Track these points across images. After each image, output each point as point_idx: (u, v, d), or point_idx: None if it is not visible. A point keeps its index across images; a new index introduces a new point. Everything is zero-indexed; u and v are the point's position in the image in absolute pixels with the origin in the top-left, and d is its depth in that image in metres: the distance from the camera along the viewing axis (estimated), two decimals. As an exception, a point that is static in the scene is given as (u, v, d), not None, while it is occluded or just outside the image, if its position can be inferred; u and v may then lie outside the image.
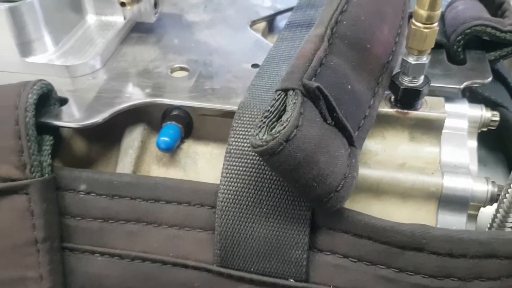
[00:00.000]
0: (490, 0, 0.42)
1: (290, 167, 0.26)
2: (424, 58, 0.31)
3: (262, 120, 0.27)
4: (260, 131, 0.26)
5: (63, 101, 0.35)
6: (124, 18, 0.41)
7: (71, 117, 0.33)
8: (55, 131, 0.34)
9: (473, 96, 0.37)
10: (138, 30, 0.42)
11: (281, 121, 0.26)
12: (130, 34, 0.42)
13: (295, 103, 0.26)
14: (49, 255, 0.32)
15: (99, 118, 0.33)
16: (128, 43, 0.41)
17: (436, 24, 0.29)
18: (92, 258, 0.33)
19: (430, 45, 0.30)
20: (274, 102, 0.27)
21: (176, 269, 0.33)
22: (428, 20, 0.29)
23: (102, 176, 0.33)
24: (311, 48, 0.29)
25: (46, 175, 0.32)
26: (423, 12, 0.29)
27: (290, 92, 0.27)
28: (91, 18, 0.42)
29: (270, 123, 0.26)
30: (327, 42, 0.29)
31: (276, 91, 0.28)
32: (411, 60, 0.31)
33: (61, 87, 0.35)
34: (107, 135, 0.37)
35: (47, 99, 0.34)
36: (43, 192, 0.32)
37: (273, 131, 0.25)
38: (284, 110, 0.27)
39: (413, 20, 0.30)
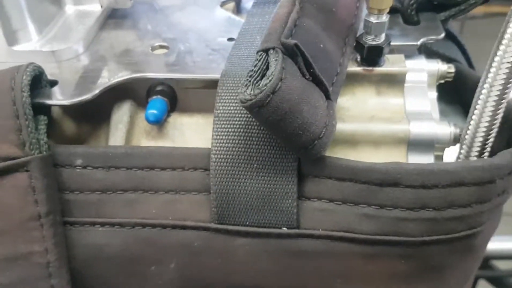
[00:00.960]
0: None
1: (278, 117, 0.29)
2: (384, 17, 0.35)
3: (247, 79, 0.29)
4: (247, 88, 0.29)
5: (53, 83, 0.36)
6: (101, 6, 0.43)
7: (63, 97, 0.35)
8: (48, 111, 0.36)
9: (428, 53, 0.41)
10: (114, 17, 0.44)
11: (266, 75, 0.28)
12: (108, 21, 0.44)
13: (276, 59, 0.29)
14: (53, 229, 0.34)
15: (89, 94, 0.35)
16: (107, 28, 0.43)
17: (393, -16, 0.33)
18: (93, 230, 0.35)
19: (388, 4, 0.34)
20: (257, 62, 0.30)
21: (176, 231, 0.35)
22: (386, -19, 0.33)
23: (97, 149, 0.35)
24: (285, 12, 0.32)
25: (44, 152, 0.34)
26: (381, -26, 0.32)
27: (271, 51, 0.30)
28: (69, 9, 0.43)
29: (255, 81, 0.29)
30: (298, 5, 0.32)
31: (258, 52, 0.31)
32: (373, 19, 0.35)
33: (49, 71, 0.37)
34: (95, 113, 0.39)
35: (38, 82, 0.35)
36: (43, 168, 0.33)
37: (260, 84, 0.28)
38: (267, 68, 0.29)
39: (372, -18, 0.33)
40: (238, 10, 0.50)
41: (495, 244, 0.90)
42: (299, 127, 0.29)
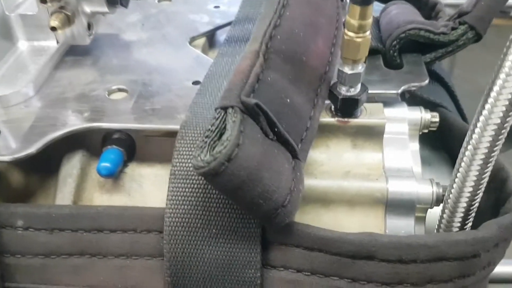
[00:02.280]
0: (423, 2, 0.44)
1: (235, 186, 0.26)
2: (360, 67, 0.31)
3: (203, 140, 0.26)
4: (201, 152, 0.26)
5: (-5, 135, 0.33)
6: (57, 42, 0.40)
7: (5, 150, 0.32)
8: (-12, 165, 0.32)
9: (412, 98, 0.38)
10: (73, 53, 0.41)
11: (221, 140, 0.25)
12: (65, 58, 0.40)
13: (234, 121, 0.26)
14: (-11, 298, 0.31)
15: (32, 149, 0.32)
16: (63, 67, 0.40)
17: (368, 32, 0.30)
18: None
19: (364, 54, 0.31)
20: (215, 120, 0.27)
21: None
22: (360, 30, 0.29)
23: (39, 209, 0.31)
24: (248, 64, 0.29)
25: (-20, 213, 0.30)
26: (355, 22, 0.29)
27: (229, 110, 0.26)
28: (22, 45, 0.40)
29: (212, 142, 0.26)
30: (263, 57, 0.29)
31: (216, 109, 0.27)
32: (347, 70, 0.31)
33: (-8, 119, 0.34)
34: (45, 165, 0.35)
35: (-24, 133, 0.32)
36: (-22, 231, 0.30)
37: (214, 151, 0.25)
38: (225, 128, 0.26)
39: (346, 30, 0.30)
40: (210, 44, 0.46)
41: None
42: (259, 196, 0.26)
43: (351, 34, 0.30)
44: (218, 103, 0.27)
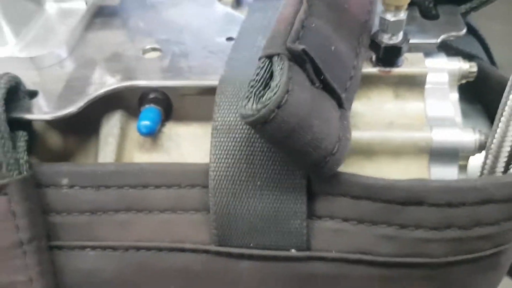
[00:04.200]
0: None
1: (284, 134, 0.25)
2: (402, 14, 0.31)
3: (249, 90, 0.26)
4: (248, 101, 0.25)
5: (33, 94, 0.33)
6: (86, 3, 0.39)
7: (43, 110, 0.32)
8: (28, 126, 0.32)
9: (448, 50, 0.38)
10: (101, 15, 0.40)
11: (270, 87, 0.25)
12: (94, 20, 0.40)
13: (282, 68, 0.25)
14: (37, 256, 0.31)
15: (73, 107, 0.31)
16: (93, 28, 0.39)
17: (412, -24, 0.29)
18: (83, 254, 0.32)
19: (406, 0, 0.30)
20: (259, 70, 0.26)
21: (173, 254, 0.32)
22: (405, -27, 0.29)
23: (84, 167, 0.31)
24: (291, 11, 0.28)
25: (24, 172, 0.30)
26: (399, -35, 0.29)
27: (275, 58, 0.26)
28: (50, 7, 0.39)
29: (257, 92, 0.26)
30: (307, 3, 0.28)
31: (260, 58, 0.27)
32: (389, 17, 0.31)
33: (28, 80, 0.33)
34: (83, 126, 0.35)
35: (15, 94, 0.32)
36: (23, 190, 0.30)
37: (264, 98, 0.25)
38: (271, 77, 0.26)
39: (389, -25, 0.29)
40: (238, 3, 0.46)
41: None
42: (309, 143, 0.26)
43: (394, -22, 0.29)
44: (263, 52, 0.27)
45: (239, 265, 0.31)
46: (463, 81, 0.36)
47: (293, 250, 0.30)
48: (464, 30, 0.35)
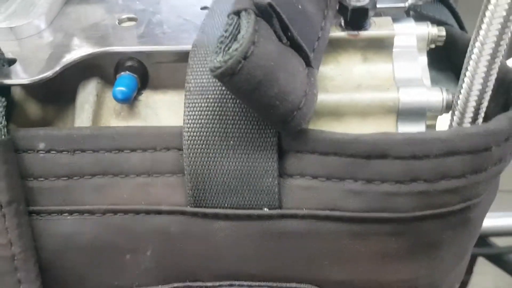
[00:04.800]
0: None
1: (251, 86, 0.26)
2: (368, -24, 0.32)
3: (217, 46, 0.27)
4: (217, 55, 0.26)
5: (11, 62, 0.33)
6: (65, -22, 0.40)
7: (21, 76, 0.32)
8: (7, 92, 0.33)
9: (418, 17, 0.38)
10: (81, -10, 0.41)
11: (237, 39, 0.26)
12: (73, -6, 0.41)
13: (248, 21, 0.26)
14: (16, 219, 0.31)
15: (49, 72, 0.32)
16: (72, 2, 0.40)
17: None
18: (61, 218, 0.33)
19: (373, -39, 0.31)
20: (228, 26, 0.27)
21: (150, 217, 0.32)
22: None
23: (61, 132, 0.32)
24: (258, -31, 0.29)
25: (3, 136, 0.31)
26: None
27: (243, 13, 0.27)
28: (31, -18, 0.40)
29: (226, 47, 0.26)
30: None
31: (228, 15, 0.28)
32: (356, -22, 0.32)
33: (8, 50, 0.34)
34: (60, 94, 0.36)
35: (-7, 61, 0.32)
36: (2, 154, 0.30)
37: (230, 50, 0.25)
38: (239, 32, 0.27)
39: None
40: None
41: (493, 221, 0.89)
42: (276, 96, 0.27)
43: None
44: (231, 9, 0.28)
45: (214, 225, 0.32)
46: (432, 46, 0.37)
47: (265, 209, 0.31)
48: (432, -5, 0.36)
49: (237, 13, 0.27)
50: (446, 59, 0.39)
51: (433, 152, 0.28)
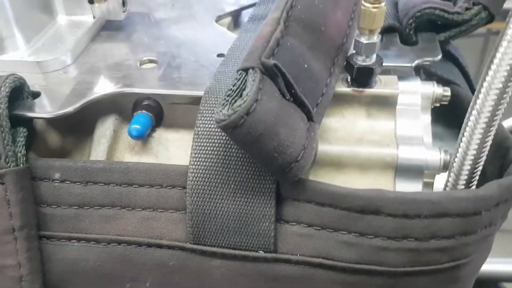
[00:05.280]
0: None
1: (252, 139, 0.28)
2: (375, 37, 0.33)
3: (225, 98, 0.29)
4: (223, 108, 0.28)
5: (36, 95, 0.36)
6: (94, 17, 0.43)
7: (44, 109, 0.35)
8: (29, 123, 0.35)
9: (427, 75, 0.40)
10: (108, 28, 0.44)
11: (241, 96, 0.27)
12: (100, 32, 0.43)
13: (254, 79, 0.28)
14: (27, 243, 0.34)
15: (70, 108, 0.35)
16: (98, 40, 0.43)
17: (383, 3, 0.32)
18: (69, 244, 0.35)
19: (379, 24, 0.33)
20: (236, 81, 0.29)
21: (151, 250, 0.34)
22: (376, 0, 0.31)
23: (75, 163, 0.34)
24: (269, 30, 0.31)
25: (21, 165, 0.33)
26: (370, -7, 0.31)
27: (250, 71, 0.29)
28: (61, 19, 0.43)
29: (232, 100, 0.28)
30: (283, 24, 0.31)
31: (238, 71, 0.30)
32: (363, 39, 0.33)
33: (34, 82, 0.37)
34: (80, 127, 0.38)
35: (20, 93, 0.35)
36: (19, 181, 0.33)
37: (234, 105, 0.27)
38: (245, 88, 0.28)
39: (362, 1, 0.32)
40: (236, 24, 0.49)
41: (505, 266, 0.87)
42: (275, 149, 0.28)
43: (367, 4, 0.32)
44: (240, 66, 0.30)
45: (211, 262, 0.33)
46: (437, 104, 0.38)
47: (261, 252, 0.32)
48: (439, 56, 0.38)
49: (245, 69, 0.29)
50: (454, 117, 0.40)
51: (423, 213, 0.29)
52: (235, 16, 0.48)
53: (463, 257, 0.31)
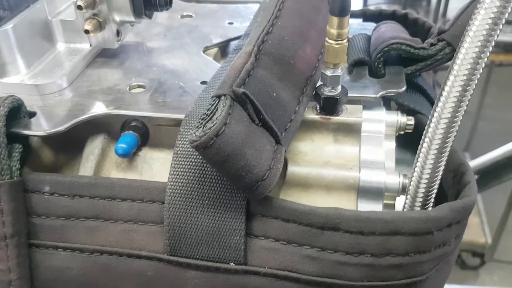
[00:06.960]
0: (420, 26, 0.49)
1: (221, 158, 0.31)
2: (339, 70, 0.37)
3: (199, 121, 0.32)
4: (197, 130, 0.31)
5: (32, 115, 0.40)
6: (90, 45, 0.46)
7: (39, 127, 0.38)
8: (25, 140, 0.39)
9: (398, 105, 0.43)
10: (103, 55, 0.48)
11: (211, 120, 0.31)
12: (96, 59, 0.47)
13: (224, 105, 0.31)
14: (17, 250, 0.36)
15: (62, 127, 0.38)
16: (94, 66, 0.46)
17: (345, 40, 0.35)
18: (56, 253, 0.37)
19: (342, 59, 0.36)
20: (210, 106, 0.32)
21: (131, 260, 0.37)
22: (338, 37, 0.35)
23: (64, 178, 0.37)
24: (241, 62, 0.34)
25: (15, 178, 0.36)
26: (333, 31, 0.35)
27: (222, 97, 0.32)
28: (61, 46, 0.47)
29: (205, 122, 0.31)
30: (254, 57, 0.35)
31: (212, 97, 0.33)
32: (328, 72, 0.37)
33: (31, 103, 0.40)
34: (71, 144, 0.42)
35: (17, 113, 0.38)
36: (12, 192, 0.36)
37: (205, 128, 0.30)
38: (215, 113, 0.32)
39: (326, 38, 0.35)
40: (223, 54, 0.53)
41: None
42: (242, 168, 0.31)
43: (330, 41, 0.35)
44: (214, 93, 0.33)
45: (186, 273, 0.36)
46: (401, 132, 0.41)
47: (232, 264, 0.35)
48: (403, 89, 0.41)
49: (218, 96, 0.32)
50: (418, 144, 0.43)
51: (377, 230, 0.32)
52: (223, 46, 0.52)
53: (419, 275, 0.34)
